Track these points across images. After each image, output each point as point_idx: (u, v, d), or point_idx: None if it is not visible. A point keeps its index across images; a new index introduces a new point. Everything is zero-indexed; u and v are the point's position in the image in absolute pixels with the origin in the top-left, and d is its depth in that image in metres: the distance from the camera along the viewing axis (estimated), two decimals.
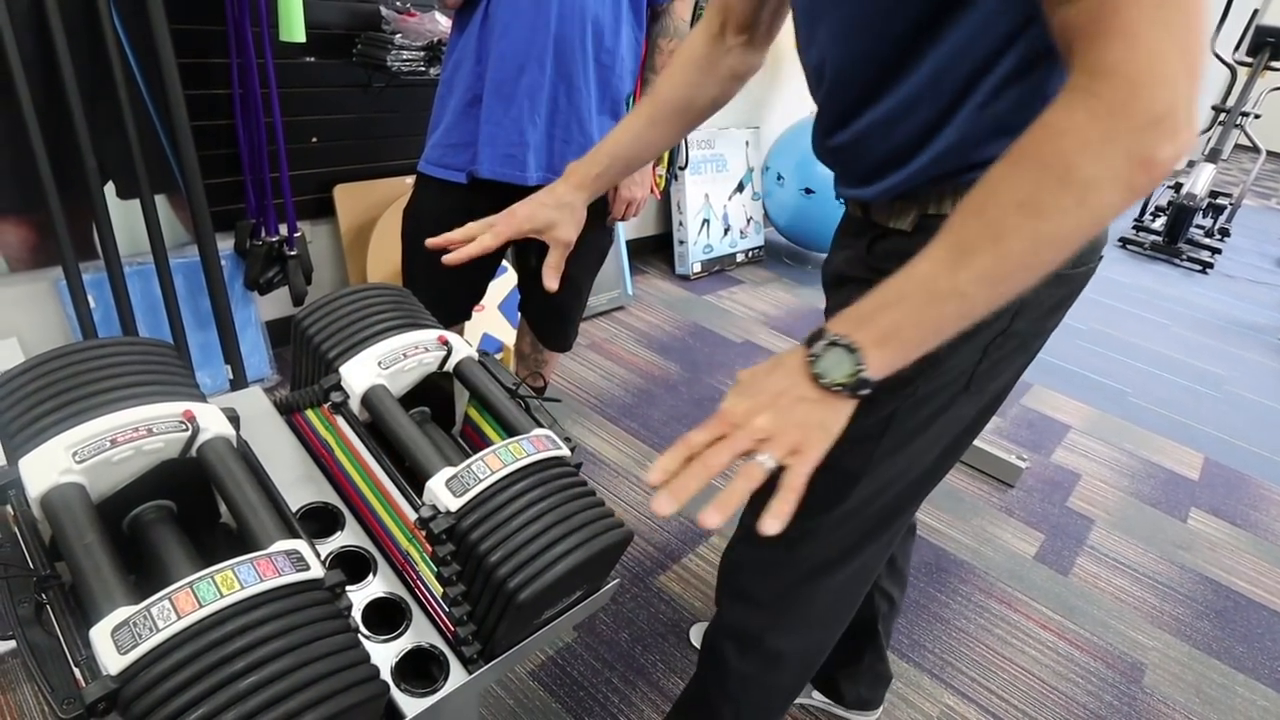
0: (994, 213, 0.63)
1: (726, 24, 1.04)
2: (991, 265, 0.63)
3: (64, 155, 1.78)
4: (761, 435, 0.67)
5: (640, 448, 2.47)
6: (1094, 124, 0.58)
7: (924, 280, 0.65)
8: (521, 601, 0.66)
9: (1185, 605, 2.19)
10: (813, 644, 1.18)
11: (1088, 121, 0.59)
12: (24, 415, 0.65)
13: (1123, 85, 0.57)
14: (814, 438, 0.67)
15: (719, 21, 1.05)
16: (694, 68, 1.07)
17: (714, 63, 1.06)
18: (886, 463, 0.97)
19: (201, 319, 2.23)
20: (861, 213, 0.97)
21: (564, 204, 1.07)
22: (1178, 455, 3.00)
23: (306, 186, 2.43)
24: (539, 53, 1.51)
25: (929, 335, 0.67)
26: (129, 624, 0.52)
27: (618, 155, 1.09)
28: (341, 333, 0.86)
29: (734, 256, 4.14)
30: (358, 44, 2.29)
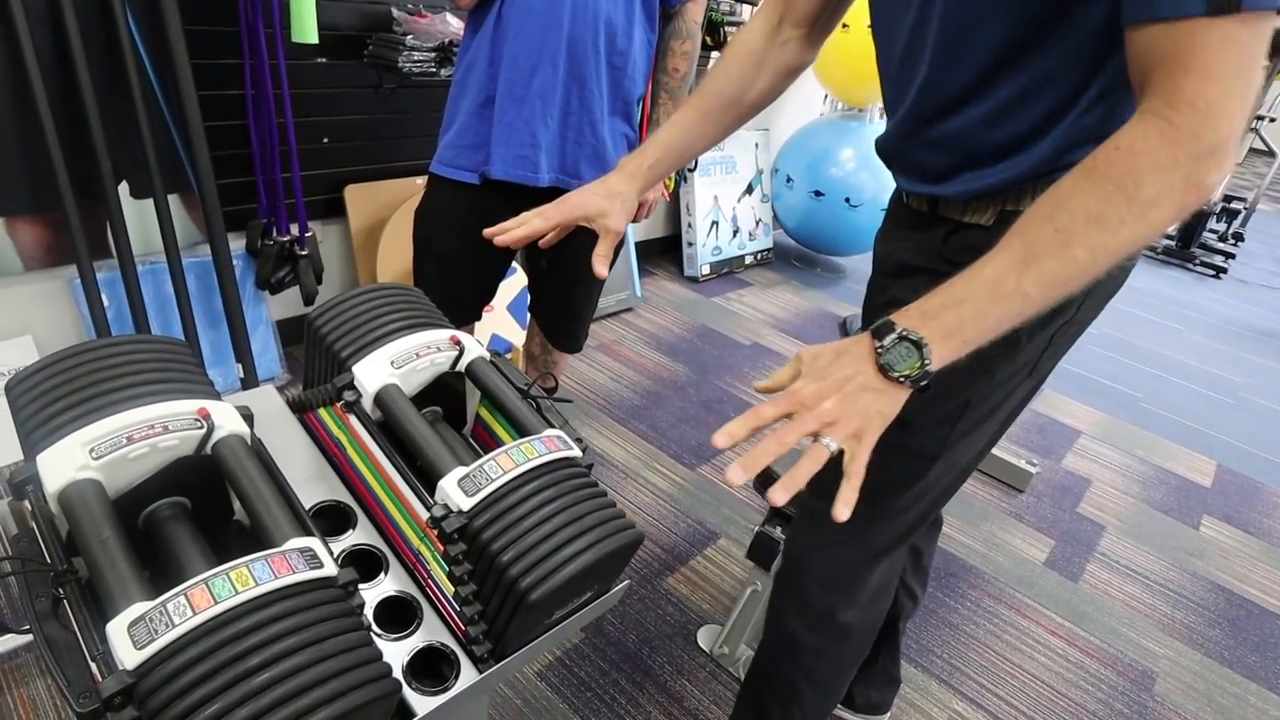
0: (1064, 221, 0.68)
1: (785, 17, 1.05)
2: (1057, 270, 0.68)
3: (79, 155, 1.79)
4: (829, 419, 0.70)
5: (648, 449, 2.47)
6: (1165, 147, 0.65)
7: (991, 281, 0.70)
8: (533, 602, 0.67)
9: (1197, 613, 2.17)
10: (876, 614, 1.23)
11: (1160, 145, 0.65)
12: (41, 412, 0.66)
13: (1195, 116, 0.64)
14: (874, 424, 0.71)
15: (778, 14, 1.06)
16: (748, 61, 1.07)
17: (768, 56, 1.07)
18: (959, 445, 1.02)
19: (213, 318, 2.24)
20: (927, 207, 1.00)
21: (615, 194, 1.06)
22: (1190, 462, 2.98)
23: (318, 187, 2.45)
24: (552, 54, 1.52)
25: (989, 332, 0.71)
26: (145, 619, 0.53)
27: (670, 147, 1.09)
28: (354, 332, 0.86)
29: (742, 259, 4.14)
30: (369, 45, 2.30)
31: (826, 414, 0.70)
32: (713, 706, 1.63)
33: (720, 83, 1.09)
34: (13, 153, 1.79)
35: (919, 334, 0.70)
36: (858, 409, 0.70)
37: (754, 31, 1.08)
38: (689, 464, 2.43)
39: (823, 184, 3.84)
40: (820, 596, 1.16)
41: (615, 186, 1.07)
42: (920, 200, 1.02)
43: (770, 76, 1.08)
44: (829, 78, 3.71)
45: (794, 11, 1.04)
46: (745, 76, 1.08)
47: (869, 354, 0.72)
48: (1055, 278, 0.68)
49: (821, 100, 4.51)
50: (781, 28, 1.06)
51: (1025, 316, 0.70)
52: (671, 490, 2.30)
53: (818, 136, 3.97)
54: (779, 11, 1.06)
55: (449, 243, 1.74)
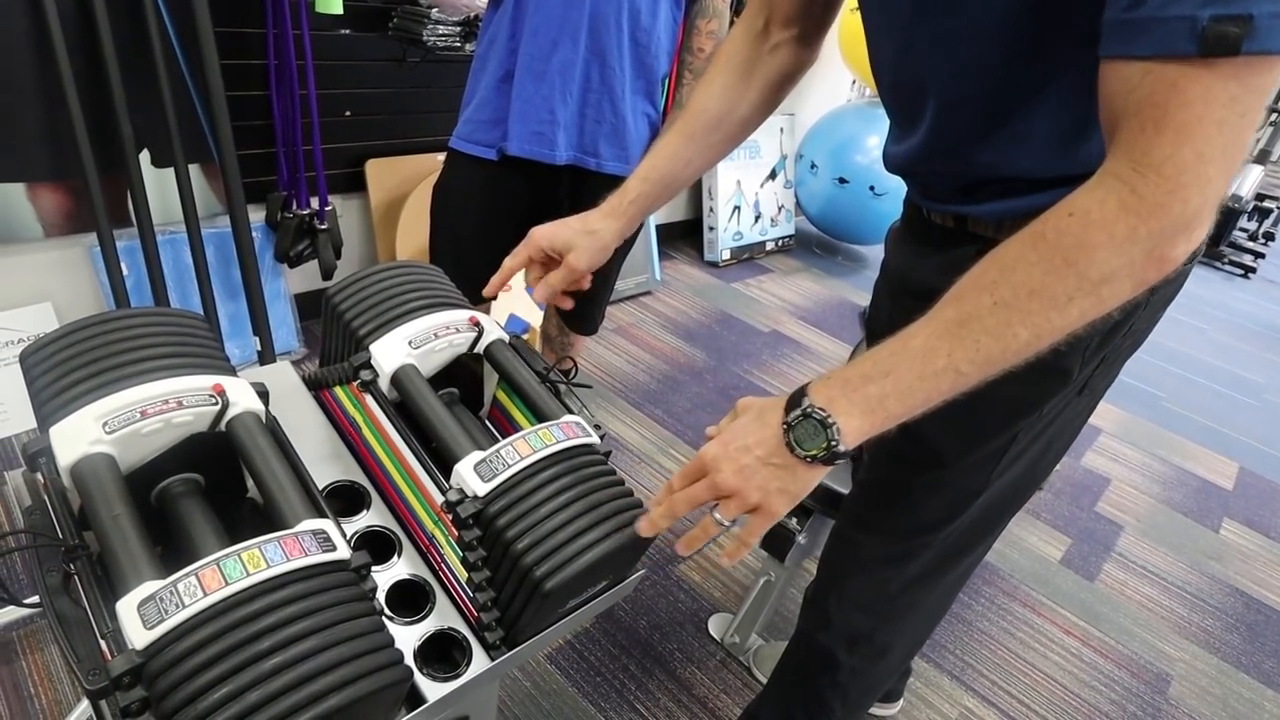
0: (1005, 294, 0.61)
1: (771, 18, 0.95)
2: (993, 350, 0.62)
3: (101, 122, 1.78)
4: (724, 492, 0.68)
5: (664, 434, 2.46)
6: (1124, 219, 0.57)
7: (919, 354, 0.64)
8: (547, 590, 0.65)
9: (1214, 617, 2.15)
10: (921, 635, 1.20)
11: (1118, 215, 0.57)
12: (56, 383, 0.65)
13: (1163, 184, 0.56)
14: (775, 501, 0.68)
15: (762, 17, 0.95)
16: (732, 72, 0.97)
17: (756, 65, 0.96)
18: (1006, 476, 0.96)
19: (231, 289, 2.23)
20: (954, 223, 0.90)
21: (588, 230, 0.96)
22: (1211, 463, 2.94)
23: (338, 160, 2.43)
24: (573, 29, 1.49)
25: (916, 408, 0.65)
26: (155, 599, 0.52)
27: (651, 177, 0.99)
28: (372, 310, 0.85)
29: (764, 245, 4.11)
30: (394, 17, 2.27)
31: (723, 486, 0.68)
32: (722, 695, 1.62)
33: (704, 99, 0.98)
34: (35, 119, 1.78)
35: (827, 412, 0.64)
36: (756, 484, 0.67)
37: (737, 40, 0.97)
38: None
39: (847, 171, 3.80)
40: (861, 620, 1.12)
41: (591, 223, 0.97)
42: (945, 216, 0.92)
43: (761, 88, 0.97)
44: (856, 63, 3.65)
45: (779, 12, 0.94)
46: (731, 90, 0.97)
47: (778, 428, 0.67)
48: (991, 357, 0.62)
49: (849, 85, 4.45)
50: (768, 32, 0.95)
51: (960, 391, 0.64)
52: None
53: (844, 122, 3.92)
54: (762, 14, 0.95)
55: (466, 219, 1.72)
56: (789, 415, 0.66)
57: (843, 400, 0.65)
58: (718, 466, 0.68)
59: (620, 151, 1.64)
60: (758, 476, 0.67)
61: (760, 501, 0.67)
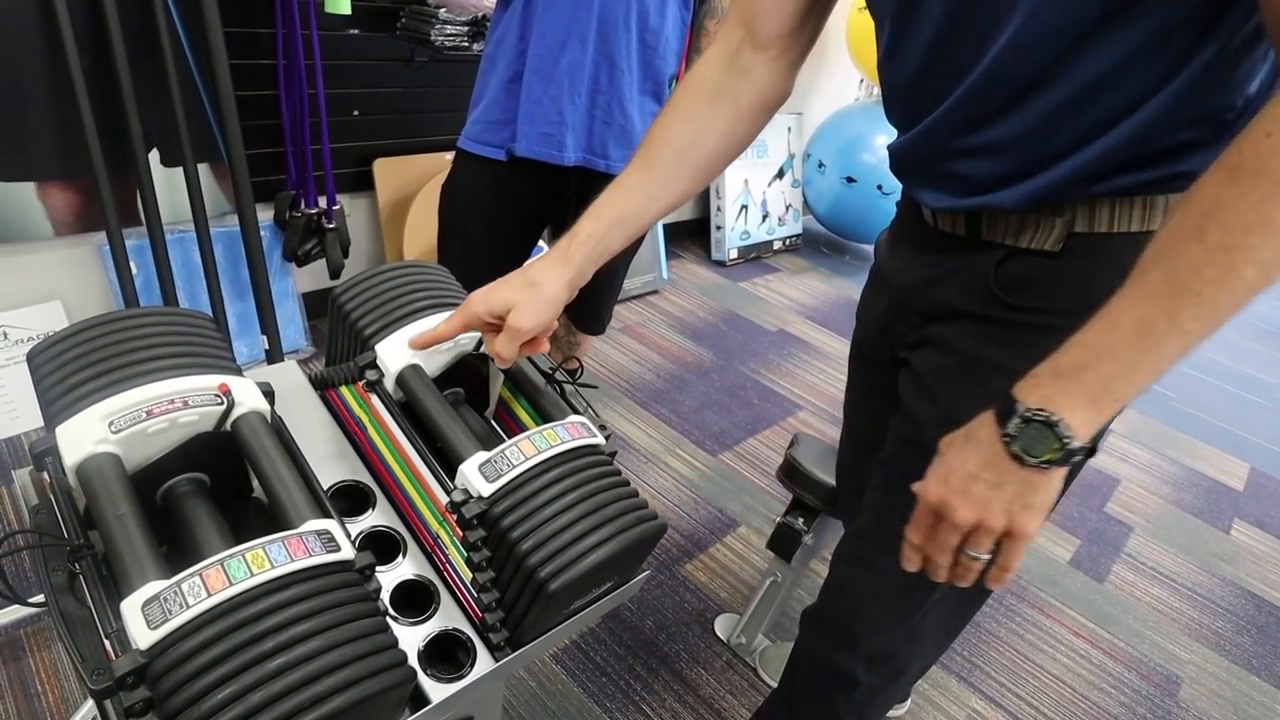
0: (1218, 238, 0.56)
1: (745, 40, 0.87)
2: (1220, 298, 0.57)
3: (110, 122, 1.79)
4: (967, 528, 0.65)
5: (670, 434, 2.46)
6: None
7: (1134, 329, 0.59)
8: (552, 591, 0.65)
9: (1225, 619, 2.13)
10: (940, 651, 1.17)
11: None
12: (62, 383, 0.65)
13: None
14: (1023, 520, 0.64)
15: (735, 39, 0.88)
16: (697, 98, 0.89)
17: (724, 90, 0.88)
18: None
19: (240, 288, 2.24)
20: (965, 229, 0.84)
21: (529, 283, 0.83)
22: (1222, 464, 2.92)
23: (346, 159, 2.44)
24: (582, 30, 1.49)
25: (1144, 386, 0.61)
26: (159, 599, 0.52)
27: (604, 216, 0.87)
28: (378, 310, 0.85)
29: (771, 244, 4.10)
30: (402, 17, 2.28)
31: (965, 522, 0.65)
32: (728, 696, 1.62)
33: (663, 128, 0.89)
34: (45, 118, 1.79)
35: (1048, 412, 0.60)
36: (998, 510, 0.64)
37: (707, 64, 0.89)
38: (711, 450, 2.41)
39: (855, 170, 3.79)
40: (883, 643, 1.08)
41: (534, 274, 0.84)
42: (954, 220, 0.85)
43: (731, 116, 0.88)
44: (865, 62, 3.64)
45: (756, 33, 0.86)
46: (696, 117, 0.88)
47: (997, 444, 0.63)
48: (1220, 307, 0.57)
49: (857, 85, 4.44)
50: (739, 54, 0.87)
51: (1183, 356, 0.60)
52: (692, 476, 2.28)
53: (852, 122, 3.91)
54: (736, 35, 0.87)
55: (473, 220, 1.72)
56: (1006, 427, 0.63)
57: (1060, 396, 0.61)
58: (950, 505, 0.65)
59: (629, 153, 1.64)
60: (996, 502, 0.64)
61: (1008, 525, 0.64)
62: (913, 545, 0.71)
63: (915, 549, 0.71)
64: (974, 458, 0.65)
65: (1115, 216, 0.73)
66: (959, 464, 0.66)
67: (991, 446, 0.64)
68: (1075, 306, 0.77)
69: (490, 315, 0.81)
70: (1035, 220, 0.77)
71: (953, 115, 0.78)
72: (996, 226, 0.80)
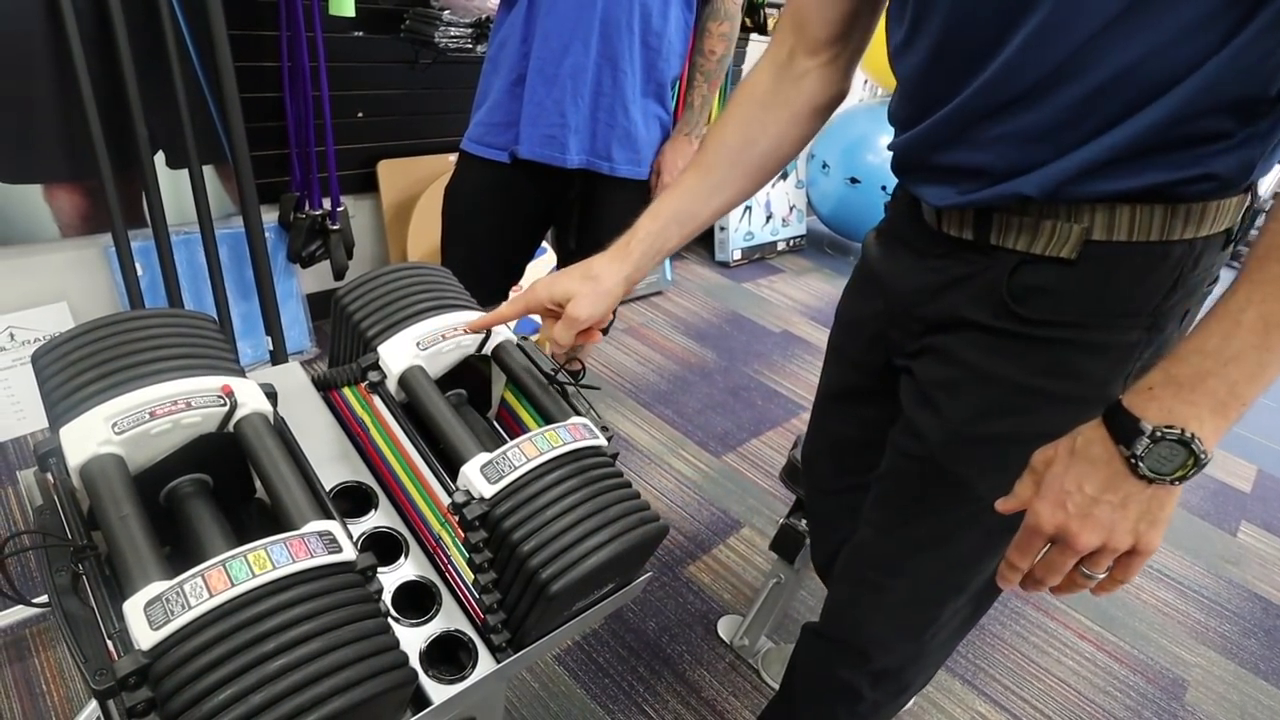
0: None
1: (797, 47, 0.88)
2: None
3: (116, 124, 1.80)
4: (1088, 551, 0.64)
5: (673, 435, 2.46)
6: None
7: (1259, 329, 0.57)
8: (553, 593, 0.65)
9: (1232, 622, 2.12)
10: (942, 662, 1.16)
11: None
12: (67, 384, 0.65)
13: None
14: (1149, 538, 0.63)
15: (787, 46, 0.89)
16: (751, 103, 0.90)
17: (778, 95, 0.90)
18: None
19: (244, 289, 2.25)
20: (973, 233, 0.80)
21: (590, 276, 0.86)
22: (1229, 466, 2.91)
23: (350, 161, 2.44)
24: (585, 33, 1.49)
25: (1268, 385, 0.59)
26: (162, 599, 0.52)
27: (662, 214, 0.89)
28: (381, 312, 0.85)
29: (775, 245, 4.10)
30: (406, 20, 2.28)
31: (1088, 546, 0.63)
32: (731, 698, 1.62)
33: (720, 132, 0.91)
34: (52, 120, 1.80)
35: (1178, 428, 0.58)
36: (1124, 530, 0.62)
37: (761, 70, 0.91)
38: (714, 451, 2.41)
39: (859, 171, 3.78)
40: (890, 660, 1.07)
41: (595, 268, 0.86)
42: (961, 222, 0.81)
43: (785, 119, 0.90)
44: (869, 62, 3.62)
45: (806, 39, 0.87)
46: (750, 121, 0.90)
47: (1119, 463, 0.61)
48: None
49: (861, 85, 4.43)
50: (794, 60, 0.88)
51: None
52: (696, 477, 2.28)
53: (856, 122, 3.90)
54: (788, 42, 0.88)
55: (477, 221, 1.73)
56: (1133, 447, 0.60)
57: (1185, 408, 0.59)
58: (1071, 531, 0.63)
59: (632, 155, 1.65)
60: (1122, 523, 0.62)
61: (1134, 543, 0.63)
62: (1015, 568, 0.69)
63: (1017, 570, 0.69)
64: (1092, 479, 0.63)
65: (1136, 224, 0.71)
66: (1073, 486, 0.64)
67: (1111, 466, 0.62)
68: (1084, 319, 0.76)
69: (551, 302, 0.85)
70: (1051, 225, 0.74)
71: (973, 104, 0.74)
72: (1009, 230, 0.77)
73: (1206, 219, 0.71)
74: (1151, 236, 0.71)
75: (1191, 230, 0.71)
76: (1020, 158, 0.73)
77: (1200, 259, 0.74)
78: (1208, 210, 0.70)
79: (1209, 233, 0.72)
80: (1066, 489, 0.64)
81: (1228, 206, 0.71)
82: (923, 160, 0.82)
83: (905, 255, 0.91)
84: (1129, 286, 0.74)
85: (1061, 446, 0.66)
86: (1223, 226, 0.73)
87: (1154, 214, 0.71)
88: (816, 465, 1.23)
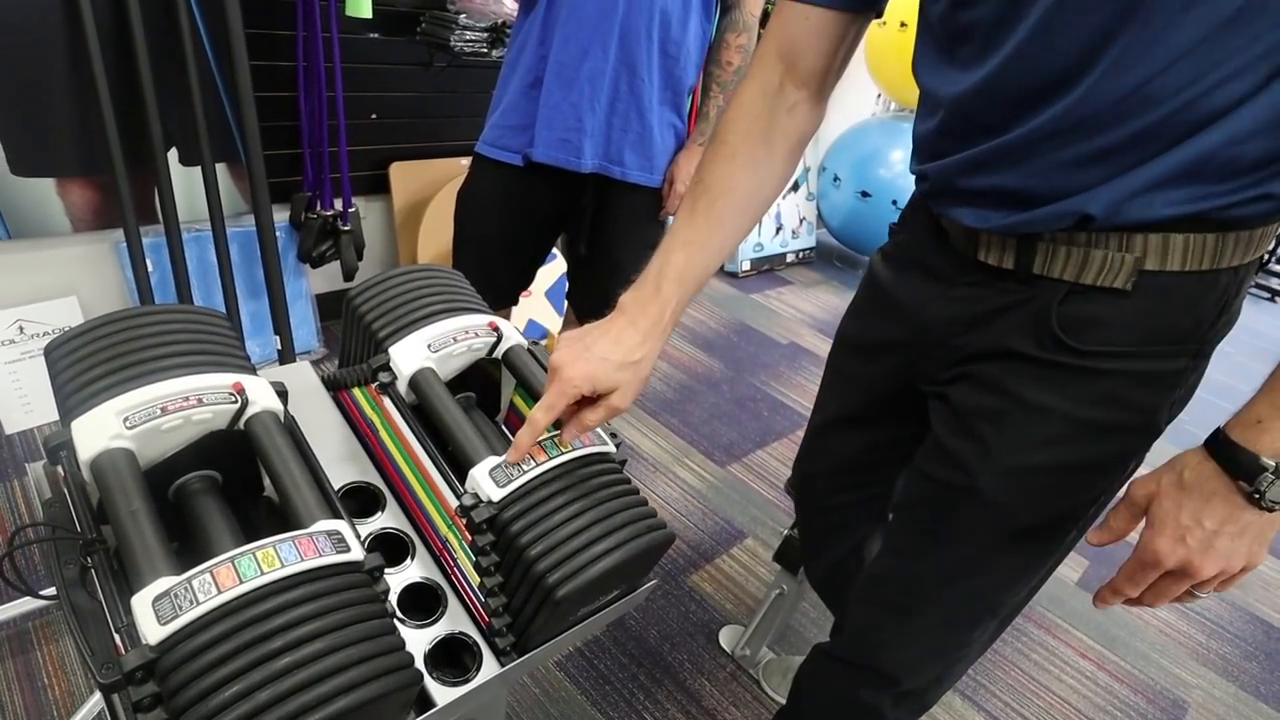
0: None
1: (787, 76, 0.84)
2: None
3: (131, 120, 1.81)
4: (1207, 577, 0.68)
5: (679, 444, 2.45)
6: None
7: None
8: (559, 598, 0.65)
9: (1233, 644, 2.11)
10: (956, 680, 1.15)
11: None
12: (79, 378, 0.66)
13: None
14: (1259, 556, 0.67)
15: (777, 74, 0.84)
16: (757, 141, 0.85)
17: (775, 131, 0.85)
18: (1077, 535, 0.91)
19: (254, 288, 2.26)
20: (1013, 262, 0.78)
21: (629, 363, 0.78)
22: None
23: (363, 162, 2.45)
24: (604, 38, 1.50)
25: None
26: (170, 595, 0.52)
27: (687, 276, 0.83)
28: (393, 313, 0.85)
29: (784, 256, 4.10)
30: (422, 22, 2.29)
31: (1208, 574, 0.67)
32: (731, 708, 1.61)
33: (730, 174, 0.85)
34: (67, 115, 1.81)
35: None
36: (1240, 556, 0.66)
37: (752, 100, 0.85)
38: (720, 461, 2.41)
39: (870, 185, 3.78)
40: (914, 681, 1.06)
41: (630, 351, 0.79)
42: (1002, 250, 0.78)
43: (785, 156, 0.86)
44: (882, 75, 3.65)
45: (797, 66, 0.83)
46: (759, 162, 0.85)
47: (1239, 497, 0.64)
48: None
49: (874, 99, 4.44)
50: (783, 92, 0.84)
51: None
52: (700, 487, 2.28)
53: (868, 136, 3.91)
54: (777, 70, 0.84)
55: (489, 224, 1.73)
56: (1256, 484, 0.63)
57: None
58: (1194, 564, 0.67)
59: (646, 161, 1.65)
60: (1239, 549, 0.66)
61: (1248, 563, 0.67)
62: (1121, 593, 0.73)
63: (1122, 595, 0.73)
64: (1211, 514, 0.66)
65: (1188, 252, 0.70)
66: (1191, 521, 0.67)
67: (1231, 500, 0.65)
68: (1136, 349, 0.75)
69: (593, 393, 0.77)
70: (1103, 255, 0.72)
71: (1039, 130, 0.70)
72: (1055, 259, 0.75)
73: (1254, 244, 0.72)
74: (1204, 265, 0.71)
75: (1239, 256, 0.71)
76: (1069, 181, 0.71)
77: (1243, 284, 0.75)
78: (1253, 236, 0.71)
79: (1254, 258, 0.73)
80: (1185, 524, 0.67)
81: (1271, 231, 0.72)
82: (960, 185, 0.80)
83: (926, 282, 0.90)
84: (1181, 315, 0.74)
85: (1166, 480, 0.69)
86: (1266, 249, 0.74)
87: (1205, 242, 0.70)
88: (815, 484, 1.22)
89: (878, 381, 1.03)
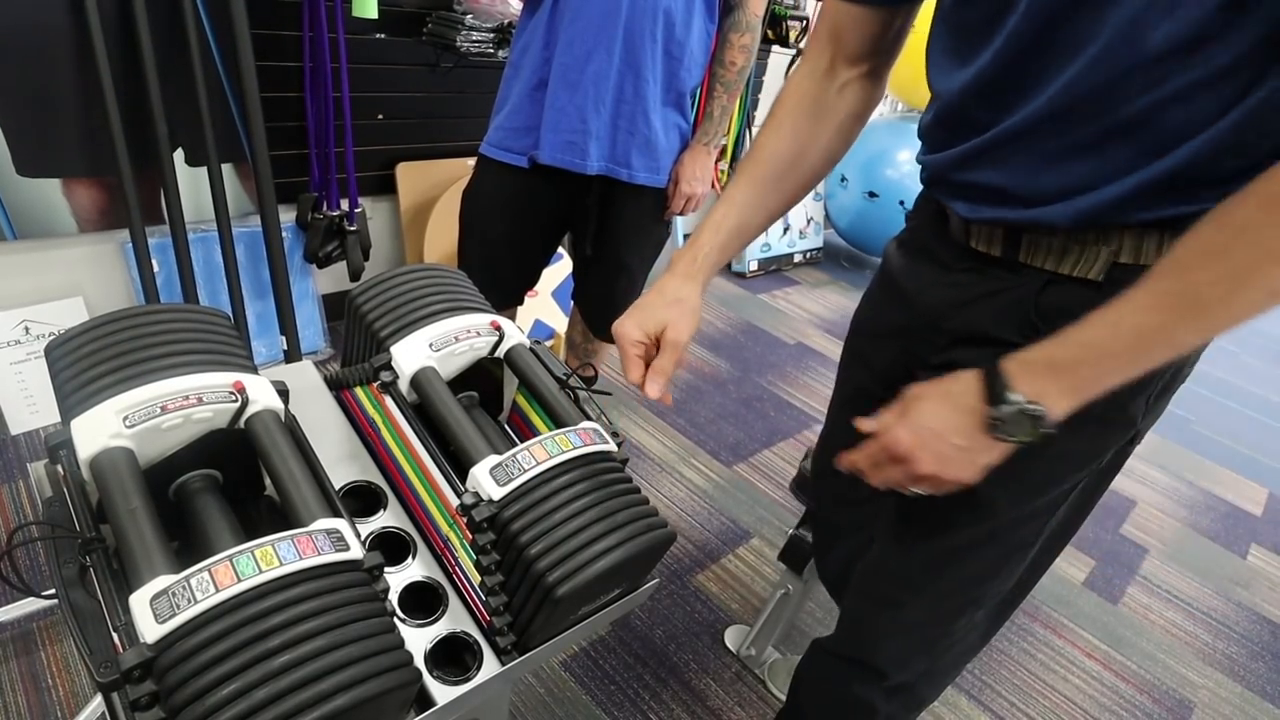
0: (1241, 260, 0.57)
1: (837, 56, 0.89)
2: (1224, 318, 0.60)
3: (137, 120, 1.81)
4: (923, 473, 0.73)
5: (685, 444, 2.45)
6: None
7: (1135, 334, 0.63)
8: (559, 596, 0.65)
9: (1240, 644, 2.10)
10: (954, 677, 1.18)
11: None
12: (79, 376, 0.66)
13: None
14: (970, 474, 0.73)
15: (826, 55, 0.89)
16: (802, 115, 0.91)
17: (826, 106, 0.90)
18: (1056, 526, 0.95)
19: (260, 288, 2.26)
20: (1001, 249, 0.81)
21: (675, 300, 0.87)
22: (1240, 488, 2.88)
23: (369, 163, 2.46)
24: (608, 40, 1.50)
25: (1126, 380, 0.66)
26: (168, 593, 0.52)
27: (724, 226, 0.90)
28: (394, 312, 0.85)
29: (791, 256, 4.09)
30: (428, 23, 2.29)
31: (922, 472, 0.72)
32: (737, 708, 1.61)
33: (774, 144, 0.91)
34: (73, 116, 1.81)
35: (1040, 404, 0.66)
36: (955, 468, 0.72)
37: (805, 78, 0.91)
38: (725, 461, 2.40)
39: (878, 185, 3.78)
40: (905, 676, 1.08)
41: (673, 291, 0.88)
42: (991, 238, 0.82)
43: (834, 130, 0.91)
44: (892, 76, 3.63)
45: (845, 49, 0.88)
46: (802, 132, 0.91)
47: (981, 417, 0.69)
48: (1218, 324, 0.60)
49: (882, 100, 4.43)
50: (835, 70, 0.89)
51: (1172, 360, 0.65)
52: (706, 487, 2.28)
53: (875, 136, 3.90)
54: (827, 52, 0.89)
55: (494, 225, 1.73)
56: (998, 410, 0.68)
57: (1052, 388, 0.66)
58: (916, 458, 0.72)
59: (651, 163, 1.65)
60: (956, 460, 0.71)
61: (955, 474, 0.72)
62: (853, 465, 0.79)
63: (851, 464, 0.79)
64: (954, 425, 0.71)
65: (1163, 249, 0.71)
66: (937, 425, 0.72)
67: (973, 418, 0.70)
68: None
69: (647, 338, 0.86)
70: (1079, 248, 0.75)
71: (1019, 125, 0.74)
72: (1037, 250, 0.78)
73: None
74: None
75: None
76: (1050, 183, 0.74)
77: None
78: None
79: None
80: (930, 428, 0.72)
81: None
82: (953, 178, 0.83)
83: (930, 267, 0.92)
84: None
85: (938, 388, 0.74)
86: None
87: None
88: (831, 474, 1.22)
89: (886, 365, 1.03)
